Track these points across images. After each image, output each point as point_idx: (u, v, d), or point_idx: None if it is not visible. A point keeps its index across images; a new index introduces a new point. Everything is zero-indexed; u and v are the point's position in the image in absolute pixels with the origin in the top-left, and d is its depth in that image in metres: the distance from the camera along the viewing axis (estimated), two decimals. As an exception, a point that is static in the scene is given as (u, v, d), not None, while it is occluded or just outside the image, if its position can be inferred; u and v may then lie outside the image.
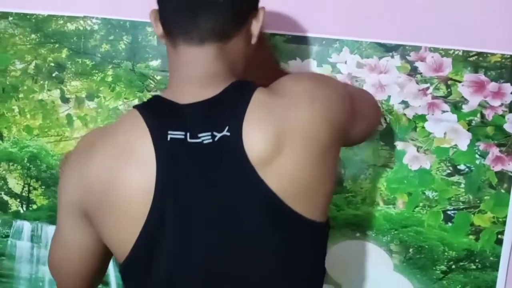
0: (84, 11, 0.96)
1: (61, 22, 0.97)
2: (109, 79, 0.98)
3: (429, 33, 0.86)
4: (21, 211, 1.06)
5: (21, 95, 1.01)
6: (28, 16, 0.98)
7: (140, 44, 0.96)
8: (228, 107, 0.58)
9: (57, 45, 0.99)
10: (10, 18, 0.99)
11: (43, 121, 1.01)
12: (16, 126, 1.03)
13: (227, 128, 0.56)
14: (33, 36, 0.99)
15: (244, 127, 0.56)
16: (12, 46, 1.00)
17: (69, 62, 0.99)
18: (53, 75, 1.00)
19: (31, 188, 1.05)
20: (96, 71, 0.98)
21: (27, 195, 1.06)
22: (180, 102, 0.59)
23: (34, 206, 1.05)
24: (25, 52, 1.00)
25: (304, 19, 0.89)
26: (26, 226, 1.06)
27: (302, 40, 0.90)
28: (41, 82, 1.00)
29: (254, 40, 0.64)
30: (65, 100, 1.00)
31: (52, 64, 1.00)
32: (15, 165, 1.05)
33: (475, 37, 0.85)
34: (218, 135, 0.56)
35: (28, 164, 1.04)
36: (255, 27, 0.63)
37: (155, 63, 0.96)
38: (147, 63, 0.96)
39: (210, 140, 0.56)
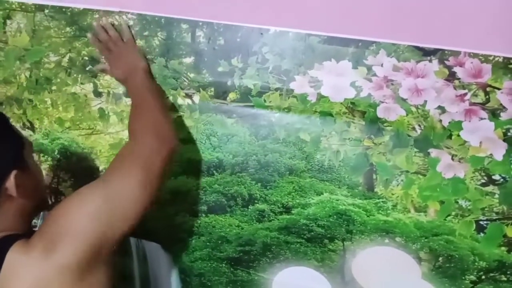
0: (119, 5, 0.96)
1: (97, 16, 0.98)
2: (143, 74, 0.98)
3: (469, 38, 0.84)
4: (50, 203, 1.06)
5: (54, 87, 1.02)
6: (63, 9, 0.99)
7: (174, 41, 0.95)
8: None
9: (91, 39, 0.99)
10: (46, 11, 1.00)
11: (75, 114, 1.02)
12: (48, 118, 1.04)
13: None
14: (68, 29, 1.00)
15: None
16: (47, 39, 1.01)
17: (103, 56, 0.99)
18: (87, 68, 1.01)
19: (60, 180, 1.06)
20: (130, 66, 0.98)
21: (56, 186, 1.07)
22: None
23: (63, 198, 1.06)
24: (60, 44, 1.01)
25: (340, 20, 0.88)
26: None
27: (338, 41, 0.88)
28: (75, 75, 1.01)
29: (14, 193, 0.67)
30: (97, 94, 1.01)
31: (86, 58, 1.00)
32: (46, 156, 1.06)
33: (517, 43, 0.82)
34: None
35: (58, 156, 1.05)
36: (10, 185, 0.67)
37: (188, 60, 0.95)
38: (180, 59, 0.96)
39: None
